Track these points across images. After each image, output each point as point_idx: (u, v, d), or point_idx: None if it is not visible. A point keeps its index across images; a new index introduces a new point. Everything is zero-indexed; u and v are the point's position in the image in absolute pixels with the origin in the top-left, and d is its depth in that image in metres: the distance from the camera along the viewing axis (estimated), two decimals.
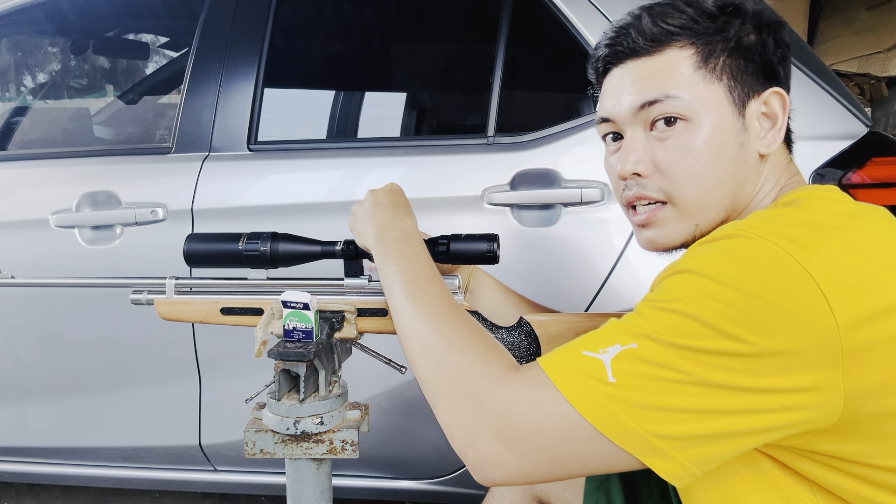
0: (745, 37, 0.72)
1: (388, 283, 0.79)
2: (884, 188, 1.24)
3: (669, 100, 0.71)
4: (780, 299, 0.57)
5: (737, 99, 0.72)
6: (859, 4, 3.53)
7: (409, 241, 0.82)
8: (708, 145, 0.71)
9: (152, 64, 2.72)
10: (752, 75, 0.72)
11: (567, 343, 0.66)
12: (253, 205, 1.49)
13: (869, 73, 3.52)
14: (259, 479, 1.65)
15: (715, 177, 0.71)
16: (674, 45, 0.72)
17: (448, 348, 0.69)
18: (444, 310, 0.74)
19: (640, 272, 1.32)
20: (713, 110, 0.71)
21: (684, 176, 0.72)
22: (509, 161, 1.41)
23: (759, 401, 0.57)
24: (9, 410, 1.69)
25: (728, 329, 0.57)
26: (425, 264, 0.80)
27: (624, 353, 0.60)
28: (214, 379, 1.56)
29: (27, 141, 2.07)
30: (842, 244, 0.60)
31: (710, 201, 0.72)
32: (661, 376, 0.58)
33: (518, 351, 0.90)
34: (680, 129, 0.71)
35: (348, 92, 2.33)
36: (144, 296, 0.97)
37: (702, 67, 0.71)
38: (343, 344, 0.94)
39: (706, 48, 0.71)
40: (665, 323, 0.60)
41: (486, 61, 1.49)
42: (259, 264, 0.92)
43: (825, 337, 0.57)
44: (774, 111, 0.73)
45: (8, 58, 2.35)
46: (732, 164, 0.72)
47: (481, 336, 0.71)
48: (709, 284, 0.59)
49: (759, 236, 0.60)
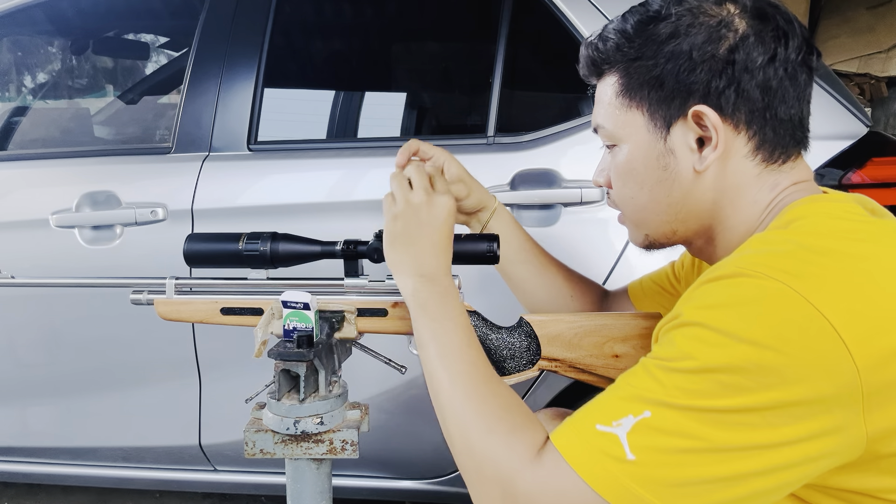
0: (661, 59, 0.69)
1: (423, 341, 0.77)
2: (884, 188, 1.24)
3: (601, 128, 0.77)
4: (795, 349, 0.55)
5: (658, 122, 0.71)
6: (859, 4, 3.53)
7: (451, 297, 0.79)
8: (629, 169, 0.75)
9: (152, 64, 2.72)
10: (669, 97, 0.70)
11: (578, 412, 0.64)
12: (253, 205, 1.49)
13: (869, 73, 3.52)
14: (259, 479, 1.65)
15: (643, 198, 0.75)
16: (608, 71, 0.75)
17: (478, 427, 0.68)
18: (478, 382, 0.72)
19: (640, 272, 1.32)
20: (632, 136, 0.73)
21: (618, 195, 0.78)
22: (509, 161, 1.41)
23: (783, 456, 0.56)
24: (9, 410, 1.69)
25: (742, 384, 0.55)
26: (463, 326, 0.78)
27: (639, 425, 0.58)
28: (214, 379, 1.56)
29: (27, 141, 2.07)
30: (855, 277, 0.57)
31: (648, 218, 0.76)
32: (681, 447, 0.56)
33: (518, 351, 0.90)
34: (614, 152, 0.76)
35: (348, 92, 2.33)
36: (144, 296, 0.97)
37: (621, 94, 0.73)
38: (343, 344, 0.94)
39: (626, 75, 0.72)
40: (677, 385, 0.57)
41: (486, 61, 1.49)
42: (259, 264, 0.92)
43: (846, 382, 0.55)
44: (708, 127, 0.69)
45: (8, 58, 2.35)
46: (660, 185, 0.73)
47: (510, 412, 0.70)
48: (718, 339, 0.57)
49: (765, 275, 0.57)
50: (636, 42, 0.71)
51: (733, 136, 0.69)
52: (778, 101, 0.68)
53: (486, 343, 0.91)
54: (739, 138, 0.69)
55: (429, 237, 0.80)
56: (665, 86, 0.70)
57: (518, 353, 0.90)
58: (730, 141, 0.69)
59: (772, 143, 0.70)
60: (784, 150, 0.71)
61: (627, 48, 0.72)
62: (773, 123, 0.69)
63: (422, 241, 0.80)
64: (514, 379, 0.92)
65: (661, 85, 0.70)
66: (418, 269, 0.80)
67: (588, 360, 0.89)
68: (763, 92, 0.68)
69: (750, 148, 0.70)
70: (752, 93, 0.68)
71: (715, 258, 0.76)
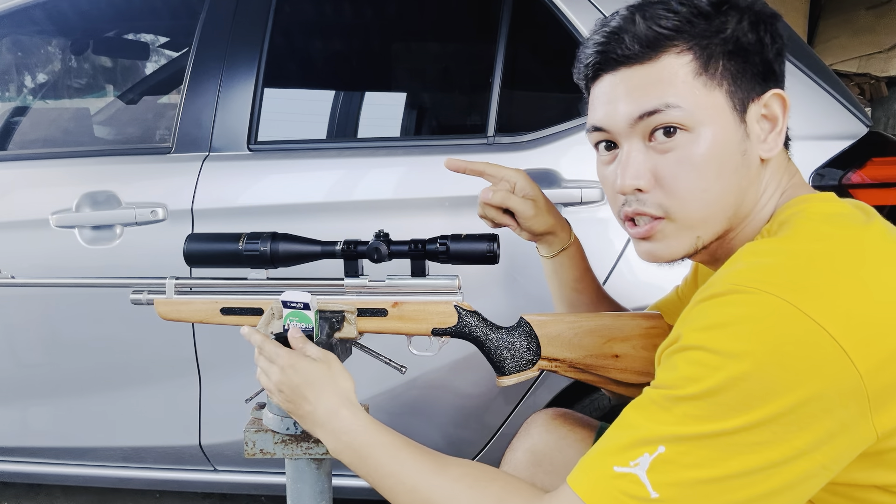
0: (742, 36, 0.67)
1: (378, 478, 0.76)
2: (884, 188, 1.24)
3: (669, 109, 0.66)
4: (794, 360, 0.55)
5: (738, 104, 0.68)
6: (859, 4, 3.53)
7: (336, 420, 0.79)
8: (711, 157, 0.67)
9: (152, 64, 2.72)
10: (751, 78, 0.68)
11: (590, 455, 0.63)
12: (253, 205, 1.49)
13: (869, 73, 3.52)
14: (259, 479, 1.64)
15: (718, 189, 0.68)
16: (670, 50, 0.67)
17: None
18: (442, 476, 0.72)
19: (640, 272, 1.32)
20: (715, 119, 0.67)
21: (685, 191, 0.68)
22: (509, 161, 1.40)
23: (799, 468, 0.56)
24: (9, 410, 1.69)
25: (746, 402, 0.55)
26: (388, 440, 0.77)
27: (657, 461, 0.58)
28: (214, 379, 1.56)
29: (27, 141, 2.06)
30: (849, 283, 0.57)
31: (712, 214, 0.69)
32: (701, 478, 0.56)
33: (518, 351, 0.90)
34: (681, 141, 0.67)
35: (348, 92, 2.33)
36: (144, 296, 0.97)
37: (702, 74, 0.67)
38: (343, 344, 0.94)
39: (704, 52, 0.67)
40: (685, 412, 0.58)
41: (486, 61, 1.49)
42: (259, 264, 0.92)
43: (849, 387, 0.55)
44: (774, 113, 0.69)
45: (8, 58, 2.35)
46: (735, 173, 0.68)
47: (483, 481, 0.70)
48: (718, 360, 0.57)
49: (759, 290, 0.57)
50: (715, 18, 0.67)
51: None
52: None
53: (486, 343, 0.91)
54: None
55: (309, 393, 0.81)
56: (749, 66, 0.67)
57: (518, 353, 0.90)
58: (783, 127, 0.70)
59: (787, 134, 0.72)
60: (789, 139, 0.74)
61: (705, 24, 0.67)
62: None
63: (304, 401, 0.81)
64: (513, 379, 0.92)
65: (745, 65, 0.67)
66: (322, 423, 0.80)
67: (588, 360, 0.89)
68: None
69: (782, 138, 0.71)
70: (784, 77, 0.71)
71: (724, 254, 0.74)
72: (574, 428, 1.01)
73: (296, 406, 0.82)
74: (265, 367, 0.84)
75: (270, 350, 0.84)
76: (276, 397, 0.84)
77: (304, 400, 0.81)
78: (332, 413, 0.80)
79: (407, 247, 0.91)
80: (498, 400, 1.45)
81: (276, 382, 0.83)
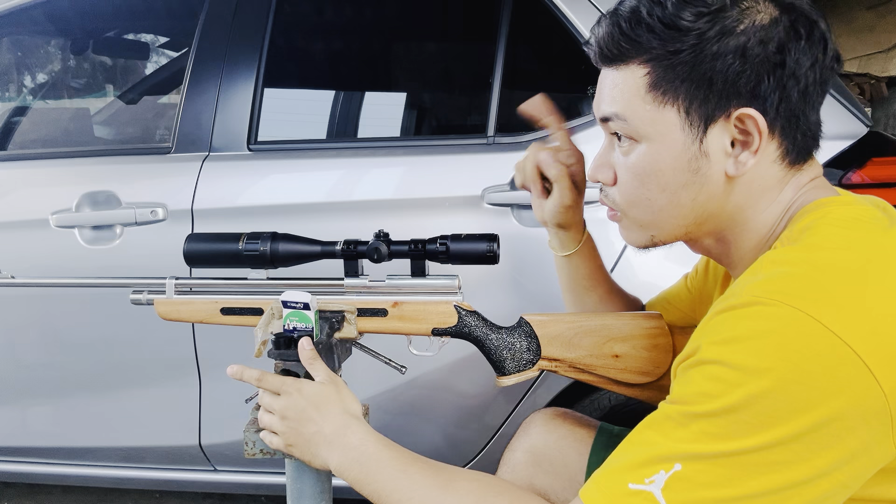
0: (709, 59, 0.64)
1: (384, 496, 0.75)
2: (884, 188, 1.24)
3: (617, 119, 0.69)
4: (819, 380, 0.53)
5: (694, 122, 0.66)
6: (859, 4, 3.53)
7: (345, 436, 0.79)
8: (652, 172, 0.68)
9: (152, 64, 2.72)
10: (717, 98, 0.65)
11: (604, 470, 0.62)
12: (253, 205, 1.49)
13: (869, 73, 3.52)
14: (259, 479, 1.64)
15: (663, 201, 0.69)
16: (634, 60, 0.67)
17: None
18: (447, 488, 0.72)
19: (640, 272, 1.32)
20: (663, 135, 0.67)
21: (631, 195, 0.71)
22: (509, 161, 1.41)
23: (819, 489, 0.55)
24: (9, 410, 1.69)
25: (766, 420, 0.54)
26: (392, 455, 0.76)
27: (672, 479, 0.57)
28: (214, 379, 1.56)
29: (27, 141, 2.06)
30: (873, 296, 0.56)
31: (662, 220, 0.71)
32: (718, 497, 0.55)
33: (518, 351, 0.90)
34: (628, 149, 0.70)
35: (348, 92, 2.33)
36: (144, 296, 0.97)
37: (653, 90, 0.66)
38: (343, 344, 0.94)
39: (662, 70, 0.65)
40: (702, 430, 0.56)
41: (486, 61, 1.49)
42: (259, 264, 0.92)
43: (874, 407, 0.54)
44: (748, 131, 0.65)
45: (8, 58, 2.35)
46: (685, 189, 0.68)
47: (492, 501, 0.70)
48: (737, 376, 0.55)
49: (781, 302, 0.55)
50: (679, 33, 0.64)
51: (768, 140, 0.66)
52: (809, 106, 0.67)
53: (486, 343, 0.91)
54: (772, 142, 0.66)
55: (315, 414, 0.81)
56: (712, 85, 0.64)
57: (518, 353, 0.90)
58: (763, 145, 0.66)
59: (798, 147, 0.68)
60: (807, 153, 0.69)
61: (668, 38, 0.64)
62: (802, 128, 0.67)
63: (310, 423, 0.81)
64: (513, 379, 0.92)
65: (706, 84, 0.64)
66: (329, 441, 0.80)
67: (588, 360, 0.89)
68: (801, 97, 0.65)
69: (779, 152, 0.67)
70: (793, 97, 0.65)
71: (729, 258, 0.74)
72: (574, 428, 1.01)
73: (297, 434, 0.82)
74: (269, 403, 0.84)
75: (274, 381, 0.84)
76: (279, 426, 0.83)
77: (310, 421, 0.81)
78: (340, 429, 0.80)
79: (407, 247, 0.91)
80: (498, 400, 1.45)
81: (281, 407, 0.83)
